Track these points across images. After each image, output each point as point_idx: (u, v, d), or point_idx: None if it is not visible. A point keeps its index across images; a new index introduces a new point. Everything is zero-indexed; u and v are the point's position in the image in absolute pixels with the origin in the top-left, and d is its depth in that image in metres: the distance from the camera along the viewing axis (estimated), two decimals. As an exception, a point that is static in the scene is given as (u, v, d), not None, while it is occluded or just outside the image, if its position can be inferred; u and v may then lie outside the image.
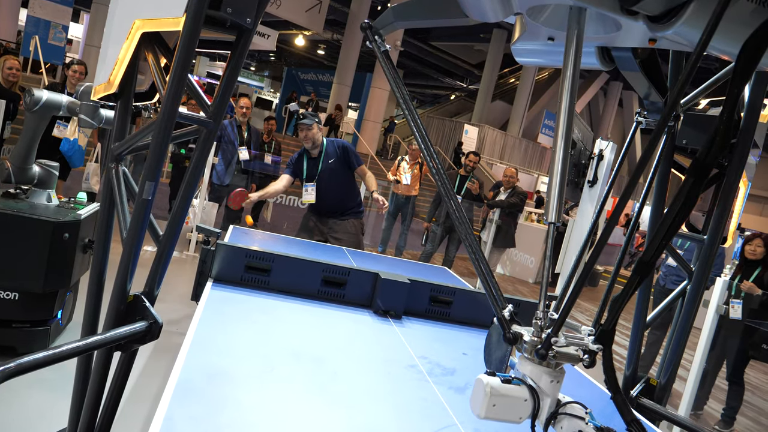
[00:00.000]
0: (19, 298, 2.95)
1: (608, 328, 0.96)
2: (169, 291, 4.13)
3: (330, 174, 4.34)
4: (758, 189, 25.95)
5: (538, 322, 1.05)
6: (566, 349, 1.01)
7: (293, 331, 2.08)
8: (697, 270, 2.18)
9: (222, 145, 6.43)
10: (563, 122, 1.19)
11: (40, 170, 3.22)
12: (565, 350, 1.01)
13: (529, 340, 1.05)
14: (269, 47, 17.91)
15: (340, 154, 4.36)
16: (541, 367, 1.03)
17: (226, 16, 1.50)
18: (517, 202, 7.50)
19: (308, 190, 4.36)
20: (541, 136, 22.85)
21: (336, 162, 4.34)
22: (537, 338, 1.04)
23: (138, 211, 1.56)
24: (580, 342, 1.03)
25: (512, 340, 1.06)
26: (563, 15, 1.28)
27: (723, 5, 0.94)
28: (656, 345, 5.06)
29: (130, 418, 2.56)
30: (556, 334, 1.02)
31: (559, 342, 1.02)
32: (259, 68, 35.50)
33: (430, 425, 1.50)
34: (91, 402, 1.63)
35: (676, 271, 4.98)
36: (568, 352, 1.01)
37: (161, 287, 1.68)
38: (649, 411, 2.08)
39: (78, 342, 1.39)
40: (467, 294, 2.62)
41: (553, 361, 1.02)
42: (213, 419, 1.29)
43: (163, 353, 3.28)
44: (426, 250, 7.43)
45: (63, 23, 13.89)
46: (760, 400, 5.53)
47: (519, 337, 1.06)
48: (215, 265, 2.39)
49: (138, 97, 1.86)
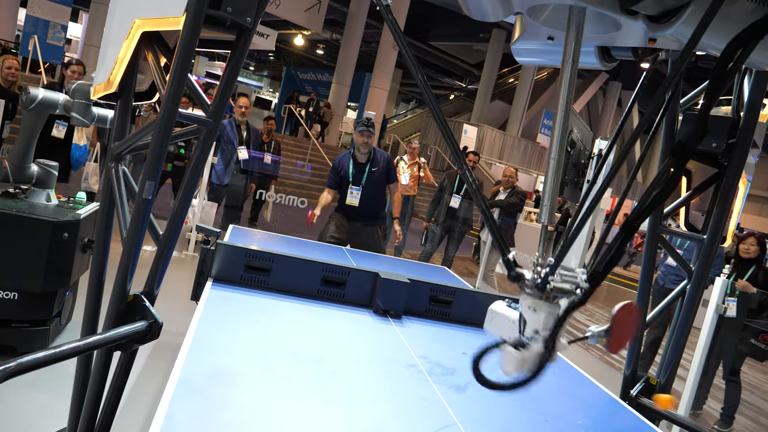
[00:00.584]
0: (19, 297, 2.94)
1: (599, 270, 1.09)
2: (169, 290, 4.12)
3: (372, 181, 4.65)
4: (757, 189, 26.00)
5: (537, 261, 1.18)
6: (561, 285, 1.13)
7: (293, 330, 2.08)
8: (696, 269, 2.18)
9: (221, 144, 6.43)
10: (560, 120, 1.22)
11: (39, 170, 3.22)
12: (560, 285, 1.13)
13: (530, 277, 1.17)
14: (268, 47, 17.91)
15: (383, 165, 4.71)
16: (540, 301, 1.14)
17: (226, 15, 1.51)
18: (516, 201, 7.50)
19: (353, 193, 4.63)
20: (540, 135, 22.85)
21: (379, 171, 4.67)
22: (537, 275, 1.16)
23: (138, 211, 1.56)
24: (573, 280, 1.14)
25: (516, 278, 1.18)
26: (563, 15, 1.28)
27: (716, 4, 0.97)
28: (655, 345, 5.06)
29: (129, 417, 2.56)
30: (553, 273, 1.13)
31: (555, 279, 1.14)
32: (258, 68, 35.50)
33: (430, 425, 1.50)
34: (90, 402, 1.63)
35: (675, 270, 4.99)
36: (562, 286, 1.13)
37: (161, 287, 1.68)
38: (648, 410, 2.08)
39: (78, 342, 1.39)
40: (467, 294, 2.62)
41: (550, 294, 1.13)
42: (213, 419, 1.29)
43: (162, 353, 3.28)
44: (425, 249, 7.43)
45: (62, 23, 13.90)
46: (759, 400, 5.54)
47: (522, 276, 1.19)
48: (215, 265, 2.39)
49: (138, 97, 1.86)
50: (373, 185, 4.66)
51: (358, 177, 4.64)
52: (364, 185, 4.63)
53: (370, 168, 4.65)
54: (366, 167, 4.66)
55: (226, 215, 6.66)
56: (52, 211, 3.08)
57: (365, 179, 4.64)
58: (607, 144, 1.68)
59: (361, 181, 4.63)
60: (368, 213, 4.69)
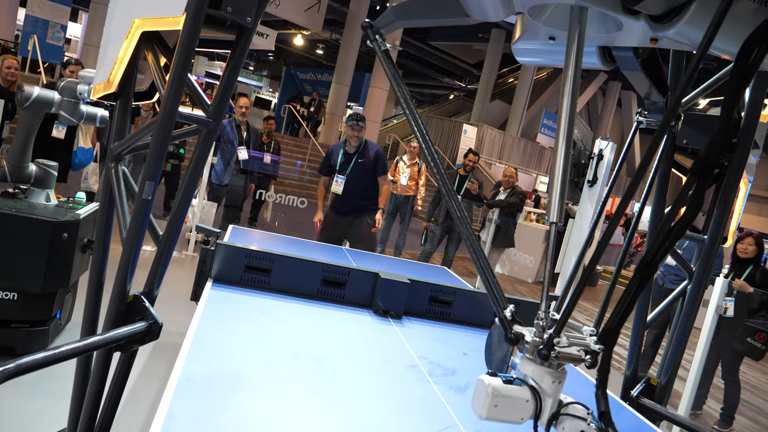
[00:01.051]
0: (18, 298, 2.94)
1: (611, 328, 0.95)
2: (169, 291, 4.12)
3: (358, 171, 4.83)
4: (758, 189, 26.01)
5: (540, 322, 1.05)
6: (568, 350, 1.01)
7: (293, 331, 2.07)
8: (697, 270, 2.18)
9: (221, 144, 6.43)
10: (564, 123, 1.19)
11: (38, 169, 3.21)
12: (567, 351, 1.00)
13: (531, 341, 1.04)
14: (268, 47, 17.88)
15: (372, 157, 4.87)
16: (543, 368, 1.03)
17: (226, 15, 1.50)
18: (516, 201, 7.50)
19: (338, 181, 4.85)
20: (540, 135, 22.83)
21: (366, 162, 4.84)
22: (539, 339, 1.03)
23: (138, 211, 1.55)
24: (581, 342, 1.02)
25: (514, 341, 1.05)
26: (564, 14, 1.28)
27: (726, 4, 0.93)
28: (655, 344, 5.06)
29: (129, 418, 2.56)
30: (558, 334, 1.01)
31: (561, 342, 1.01)
32: (258, 68, 35.47)
33: (431, 425, 1.49)
34: (90, 402, 1.63)
35: (675, 270, 4.98)
36: (570, 352, 1.01)
37: (161, 287, 1.67)
38: (649, 411, 2.08)
39: (78, 342, 1.38)
40: (467, 294, 2.61)
41: (555, 361, 1.02)
42: (213, 419, 1.29)
43: (162, 353, 3.28)
44: (425, 249, 7.42)
45: (61, 22, 13.88)
46: (759, 400, 5.53)
47: (521, 337, 1.06)
48: (215, 265, 2.38)
49: (137, 97, 1.85)
50: (357, 175, 4.82)
51: (345, 166, 4.85)
52: (348, 174, 4.82)
53: (357, 159, 4.82)
54: (353, 157, 4.83)
55: (225, 215, 6.65)
56: (52, 211, 3.08)
57: (350, 169, 4.82)
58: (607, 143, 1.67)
59: (347, 171, 4.82)
60: (353, 203, 4.85)
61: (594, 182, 4.92)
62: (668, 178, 2.12)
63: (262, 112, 22.32)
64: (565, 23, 1.25)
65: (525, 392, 1.03)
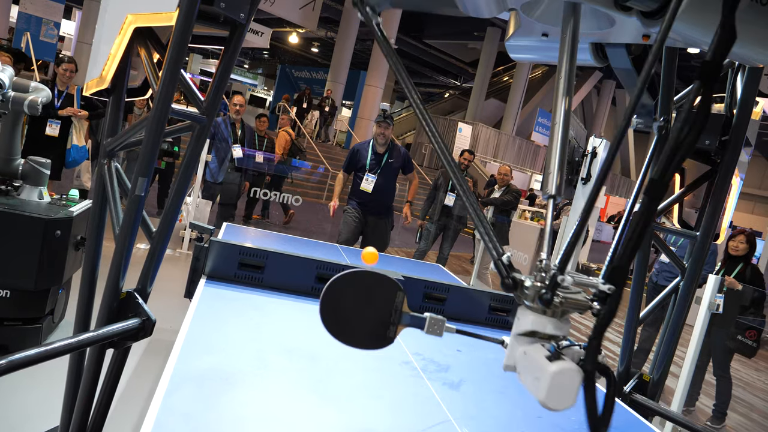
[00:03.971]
0: (11, 295, 2.93)
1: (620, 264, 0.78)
2: (163, 288, 4.11)
3: (387, 170, 4.96)
4: (749, 187, 26.17)
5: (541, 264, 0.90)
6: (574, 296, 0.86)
7: (287, 327, 2.07)
8: (689, 266, 2.19)
9: (215, 142, 6.41)
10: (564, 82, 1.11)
11: (30, 167, 3.19)
12: (573, 296, 0.86)
13: (531, 285, 0.88)
14: (263, 45, 17.84)
15: (401, 158, 5.05)
16: (545, 318, 0.86)
17: (219, 11, 1.50)
18: (511, 200, 7.51)
19: (368, 180, 4.92)
20: (535, 134, 22.88)
21: (396, 162, 4.99)
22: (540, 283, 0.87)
23: (130, 208, 1.55)
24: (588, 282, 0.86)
25: (512, 286, 0.91)
26: (558, 11, 1.28)
27: None
28: (648, 341, 5.09)
29: (123, 415, 2.55)
30: (563, 272, 0.85)
31: (566, 281, 0.86)
32: (253, 66, 35.39)
33: (425, 421, 1.50)
34: (83, 399, 1.62)
35: (668, 267, 5.01)
36: (576, 298, 0.86)
37: (154, 284, 1.67)
38: (642, 407, 2.09)
39: (70, 339, 1.38)
40: (461, 291, 2.62)
41: (559, 308, 0.86)
42: (207, 416, 1.29)
43: (156, 350, 3.27)
44: (420, 247, 7.42)
45: (55, 20, 13.81)
46: (751, 396, 5.57)
47: (519, 283, 0.90)
48: (208, 262, 2.38)
49: (130, 93, 1.85)
50: (388, 175, 4.94)
51: (375, 165, 4.93)
52: (379, 173, 4.91)
53: (388, 159, 4.94)
54: (383, 157, 4.93)
55: (220, 213, 6.64)
56: (45, 208, 3.06)
57: (381, 168, 4.92)
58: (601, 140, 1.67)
59: (377, 170, 4.91)
60: (380, 202, 4.96)
61: (588, 180, 4.94)
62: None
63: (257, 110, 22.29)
64: (558, 19, 1.25)
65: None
